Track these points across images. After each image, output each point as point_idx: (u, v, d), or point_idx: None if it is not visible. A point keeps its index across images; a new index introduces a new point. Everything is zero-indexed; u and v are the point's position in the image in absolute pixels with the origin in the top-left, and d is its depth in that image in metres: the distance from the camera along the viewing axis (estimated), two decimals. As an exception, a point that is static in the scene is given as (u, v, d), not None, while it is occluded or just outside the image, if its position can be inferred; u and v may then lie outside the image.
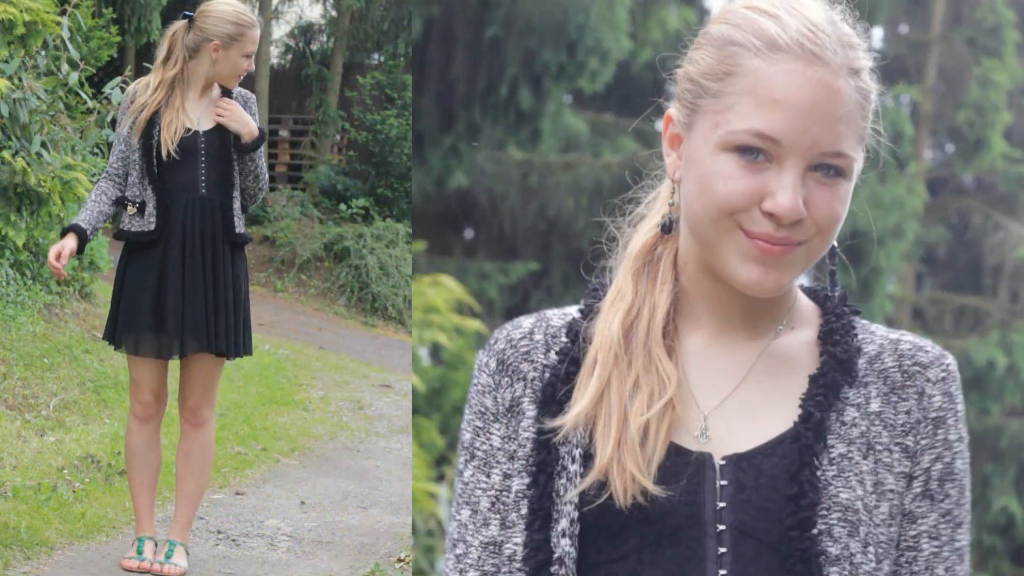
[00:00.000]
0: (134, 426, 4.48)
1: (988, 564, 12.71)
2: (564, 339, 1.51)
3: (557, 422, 1.46)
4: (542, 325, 1.54)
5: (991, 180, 13.62)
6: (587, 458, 1.44)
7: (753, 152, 1.35)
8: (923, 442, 1.40)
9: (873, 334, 1.46)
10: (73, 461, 5.72)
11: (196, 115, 4.42)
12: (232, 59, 4.40)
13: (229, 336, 4.42)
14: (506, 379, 1.52)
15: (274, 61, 16.83)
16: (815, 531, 1.35)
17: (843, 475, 1.37)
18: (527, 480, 1.47)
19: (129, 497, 4.93)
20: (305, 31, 17.24)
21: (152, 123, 4.34)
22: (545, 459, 1.46)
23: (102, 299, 8.52)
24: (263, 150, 4.55)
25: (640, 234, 1.53)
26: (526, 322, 1.55)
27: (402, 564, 5.02)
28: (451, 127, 9.48)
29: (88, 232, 4.36)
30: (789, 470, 1.37)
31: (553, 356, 1.50)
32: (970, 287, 13.86)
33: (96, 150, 8.27)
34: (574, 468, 1.44)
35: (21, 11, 7.03)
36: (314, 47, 17.05)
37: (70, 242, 4.32)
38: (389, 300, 13.52)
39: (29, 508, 5.00)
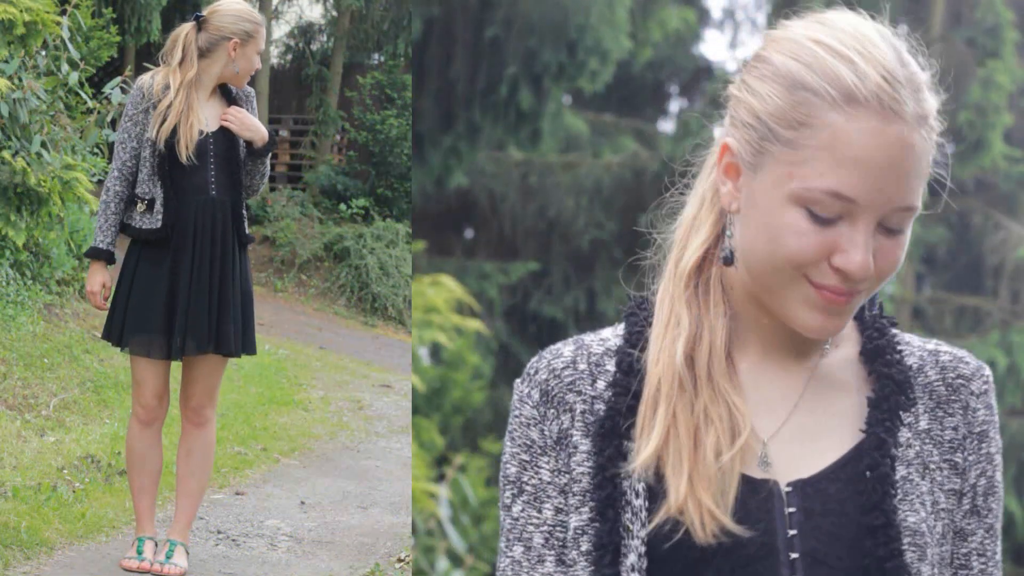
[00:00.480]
0: (136, 429, 4.48)
1: (988, 564, 12.72)
2: (610, 367, 1.48)
3: (630, 465, 1.43)
4: (583, 353, 1.51)
5: (991, 180, 13.62)
6: (651, 491, 1.42)
7: (827, 209, 1.32)
8: (971, 458, 1.39)
9: (910, 345, 1.45)
10: (73, 461, 5.72)
11: (205, 116, 4.43)
12: (249, 56, 4.44)
13: (237, 335, 4.44)
14: (552, 411, 1.49)
15: (274, 61, 16.83)
16: (889, 561, 1.34)
17: (908, 499, 1.36)
18: (587, 515, 1.44)
19: (129, 497, 4.93)
20: (305, 31, 17.24)
21: (173, 128, 4.36)
22: (610, 494, 1.43)
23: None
24: None
25: (690, 251, 1.48)
26: (566, 350, 1.51)
27: (402, 564, 5.02)
28: (451, 127, 9.48)
29: (114, 252, 4.44)
30: (859, 496, 1.36)
31: (600, 385, 1.47)
32: (970, 287, 13.86)
33: (96, 150, 8.26)
34: (639, 503, 1.42)
35: (21, 11, 7.03)
36: (314, 47, 17.04)
37: (105, 276, 4.42)
38: (389, 300, 13.52)
39: (29, 508, 5.00)
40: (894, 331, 1.44)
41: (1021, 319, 13.19)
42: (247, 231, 4.54)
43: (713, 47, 14.99)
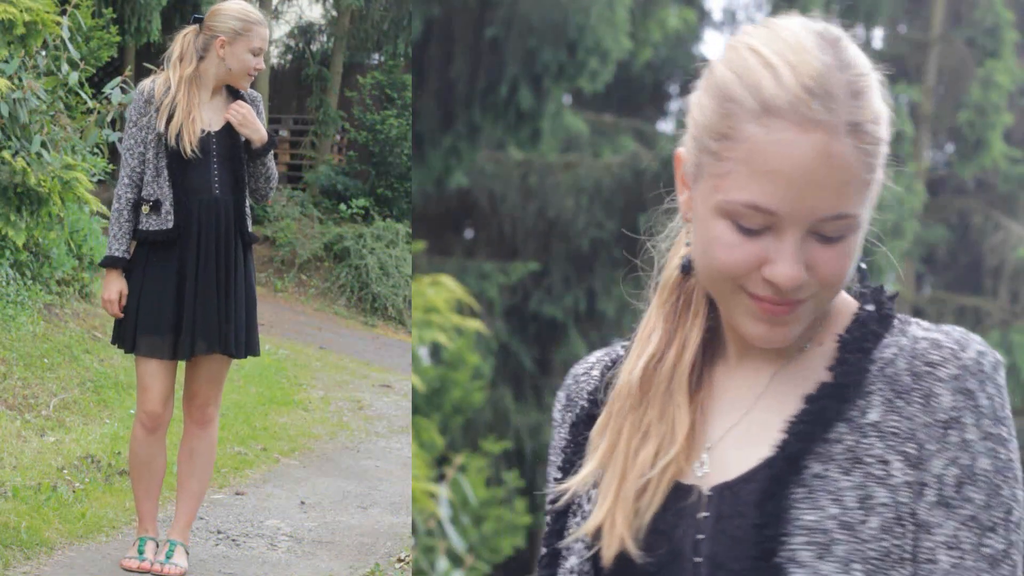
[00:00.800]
0: (140, 435, 4.47)
1: (988, 564, 12.71)
2: (599, 381, 1.52)
3: (563, 485, 1.47)
4: (603, 360, 1.54)
5: (991, 180, 13.62)
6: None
7: (750, 220, 1.31)
8: (930, 447, 1.30)
9: (904, 334, 1.39)
10: (73, 461, 5.72)
11: (208, 116, 4.44)
12: (238, 54, 4.41)
13: (240, 336, 4.44)
14: (569, 414, 1.53)
15: (274, 61, 16.83)
16: (777, 559, 1.31)
17: (813, 495, 1.32)
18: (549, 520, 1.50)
19: (129, 497, 4.94)
20: (305, 31, 17.24)
21: (176, 122, 4.38)
22: (566, 504, 1.48)
23: (102, 298, 8.51)
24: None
25: (671, 264, 1.49)
26: (592, 356, 1.55)
27: (402, 564, 5.02)
28: (451, 127, 9.47)
29: (129, 259, 4.44)
30: (760, 498, 1.34)
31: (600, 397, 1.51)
32: (970, 287, 13.86)
33: (96, 150, 8.27)
34: (588, 507, 1.46)
35: (21, 11, 7.04)
36: (314, 47, 17.04)
37: (121, 284, 4.41)
38: (389, 300, 13.52)
39: (29, 508, 5.00)
40: (895, 319, 1.40)
41: (1021, 319, 13.19)
42: (251, 231, 4.55)
43: (713, 47, 14.97)
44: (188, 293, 4.37)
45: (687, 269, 1.44)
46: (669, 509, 1.39)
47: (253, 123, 4.43)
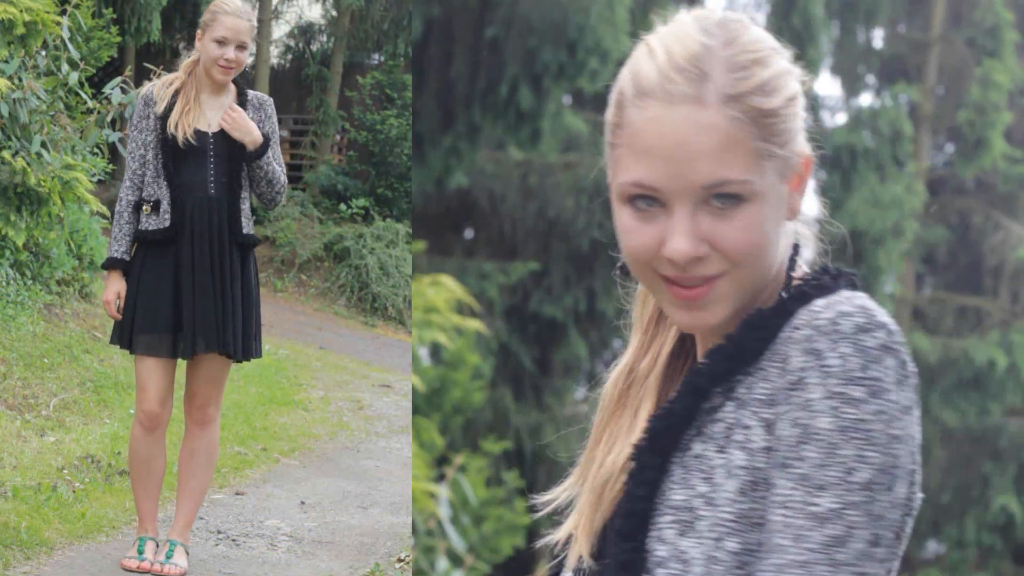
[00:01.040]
0: (139, 435, 4.47)
1: (988, 563, 12.70)
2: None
3: (547, 496, 1.51)
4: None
5: (991, 180, 13.62)
6: None
7: (643, 201, 1.34)
8: (780, 409, 1.28)
9: (808, 309, 1.33)
10: (73, 461, 5.72)
11: (209, 115, 4.44)
12: (206, 45, 4.42)
13: (237, 338, 4.43)
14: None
15: (274, 61, 16.82)
16: (648, 540, 1.33)
17: (688, 475, 1.32)
18: None
19: (129, 497, 4.93)
20: (305, 31, 17.24)
21: (174, 114, 4.39)
22: (546, 510, 1.51)
23: (102, 299, 8.51)
24: (277, 154, 4.55)
25: None
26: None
27: (402, 564, 5.02)
28: (451, 127, 9.47)
29: (129, 261, 4.47)
30: (633, 483, 1.37)
31: None
32: (970, 287, 13.86)
33: (96, 150, 8.27)
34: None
35: (21, 11, 7.04)
36: (314, 47, 17.04)
37: (120, 285, 4.43)
38: (389, 300, 13.52)
39: (29, 508, 5.00)
40: (815, 297, 1.34)
41: (1021, 319, 13.18)
42: (252, 232, 4.53)
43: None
44: (185, 292, 4.38)
45: (625, 269, 1.45)
46: (618, 515, 1.40)
47: (244, 126, 4.41)
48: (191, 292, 4.38)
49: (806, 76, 1.40)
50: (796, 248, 1.41)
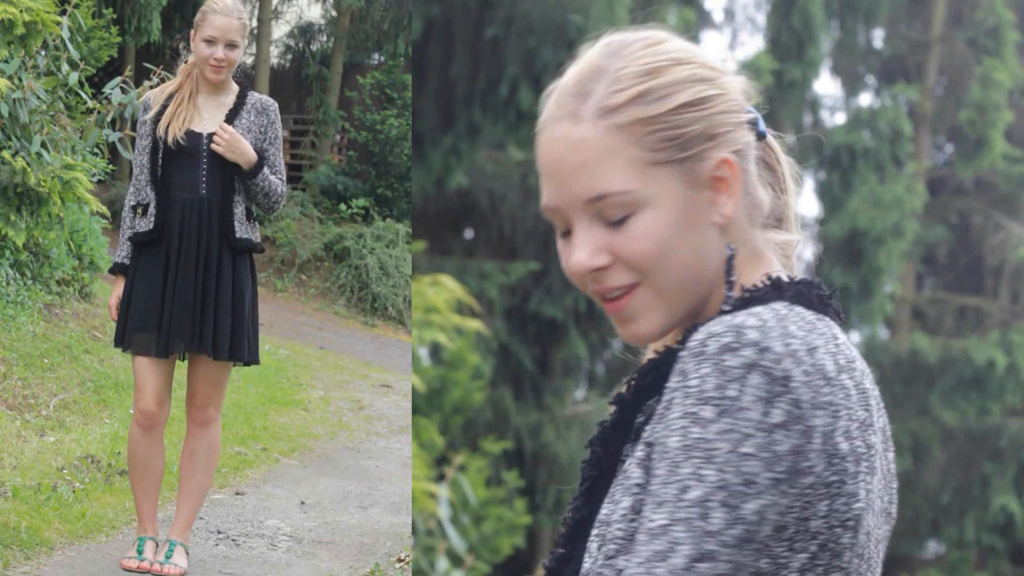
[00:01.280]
0: (137, 434, 4.47)
1: (988, 564, 12.70)
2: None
3: None
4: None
5: (991, 180, 13.62)
6: None
7: (559, 224, 1.39)
8: (657, 428, 1.29)
9: (702, 328, 1.32)
10: (73, 461, 5.72)
11: (205, 115, 4.44)
12: (196, 44, 4.43)
13: (221, 340, 4.42)
14: None
15: (274, 61, 16.83)
16: (566, 550, 1.38)
17: (614, 491, 1.33)
18: None
19: (129, 497, 4.93)
20: (305, 31, 17.24)
21: (167, 115, 4.41)
22: None
23: (102, 299, 8.52)
24: (279, 160, 4.55)
25: None
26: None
27: (402, 564, 5.02)
28: (451, 127, 9.47)
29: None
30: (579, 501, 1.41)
31: None
32: (970, 287, 13.86)
33: (96, 150, 8.26)
34: None
35: (21, 11, 7.03)
36: (314, 47, 17.04)
37: (120, 289, 4.47)
38: (389, 300, 13.52)
39: (29, 508, 5.00)
40: (738, 310, 1.33)
41: (1021, 319, 13.18)
42: (249, 236, 4.51)
43: (713, 47, 14.96)
44: (168, 291, 4.39)
45: None
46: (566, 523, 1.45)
47: (236, 147, 4.40)
48: (173, 291, 4.40)
49: (741, 82, 1.40)
50: (731, 256, 1.37)
